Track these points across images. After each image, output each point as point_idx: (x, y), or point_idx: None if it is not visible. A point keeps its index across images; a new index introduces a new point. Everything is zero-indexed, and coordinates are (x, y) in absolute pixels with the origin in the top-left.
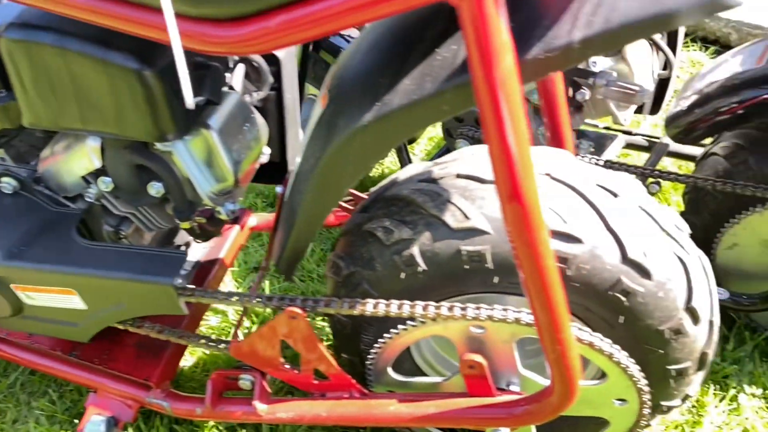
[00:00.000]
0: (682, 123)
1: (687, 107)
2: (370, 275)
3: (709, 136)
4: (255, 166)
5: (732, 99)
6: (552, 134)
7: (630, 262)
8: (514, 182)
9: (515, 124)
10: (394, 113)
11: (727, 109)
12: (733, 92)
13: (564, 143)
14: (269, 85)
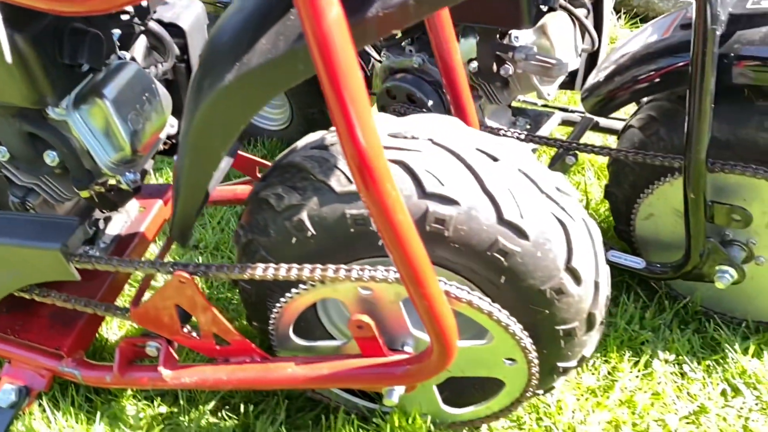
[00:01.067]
0: (598, 94)
1: (603, 79)
2: (266, 242)
3: (624, 105)
4: (159, 136)
5: (648, 67)
6: (455, 107)
7: (506, 223)
8: (353, 137)
9: (348, 76)
10: (252, 72)
11: (644, 77)
12: (647, 62)
13: (466, 115)
14: (175, 57)
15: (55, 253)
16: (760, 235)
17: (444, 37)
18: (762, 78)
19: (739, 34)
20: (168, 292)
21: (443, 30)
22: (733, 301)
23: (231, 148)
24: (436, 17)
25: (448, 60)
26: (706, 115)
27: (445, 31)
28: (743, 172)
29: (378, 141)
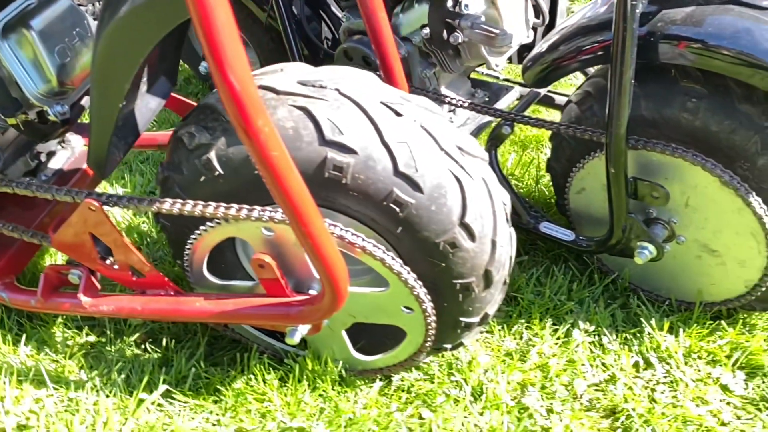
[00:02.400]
0: (535, 67)
1: (541, 52)
2: (180, 179)
3: (557, 79)
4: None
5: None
6: (382, 68)
7: (401, 175)
8: (223, 75)
9: (218, 15)
10: (141, 7)
11: (589, 47)
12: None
13: (394, 76)
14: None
15: None
16: (680, 215)
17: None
18: (685, 57)
19: (663, 12)
20: (79, 218)
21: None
22: (659, 279)
23: (160, 89)
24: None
25: (374, 22)
26: (626, 91)
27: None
28: (663, 151)
29: (249, 79)
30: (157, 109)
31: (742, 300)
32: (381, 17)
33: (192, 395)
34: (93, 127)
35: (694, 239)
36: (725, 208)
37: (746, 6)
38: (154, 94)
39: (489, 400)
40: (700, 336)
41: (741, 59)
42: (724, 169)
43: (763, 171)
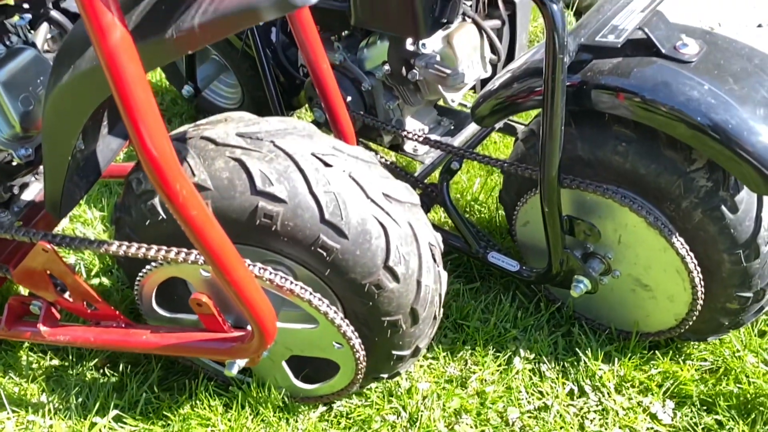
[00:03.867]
0: (479, 109)
1: (484, 95)
2: (130, 221)
3: (498, 121)
4: None
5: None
6: (330, 118)
7: (327, 223)
8: (144, 147)
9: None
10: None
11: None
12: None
13: (342, 124)
14: None
15: None
16: (614, 251)
17: (311, 49)
18: (613, 105)
19: (593, 63)
20: (34, 259)
21: (309, 43)
22: (599, 309)
23: (121, 130)
24: (301, 33)
25: (317, 70)
26: (557, 135)
27: (311, 44)
28: (595, 191)
29: (168, 149)
30: (118, 149)
31: (674, 332)
32: (324, 68)
33: (142, 419)
34: (46, 176)
35: (628, 274)
36: (652, 247)
37: (667, 59)
38: (115, 135)
39: (423, 427)
40: (634, 365)
41: (659, 110)
42: (649, 210)
43: (686, 212)
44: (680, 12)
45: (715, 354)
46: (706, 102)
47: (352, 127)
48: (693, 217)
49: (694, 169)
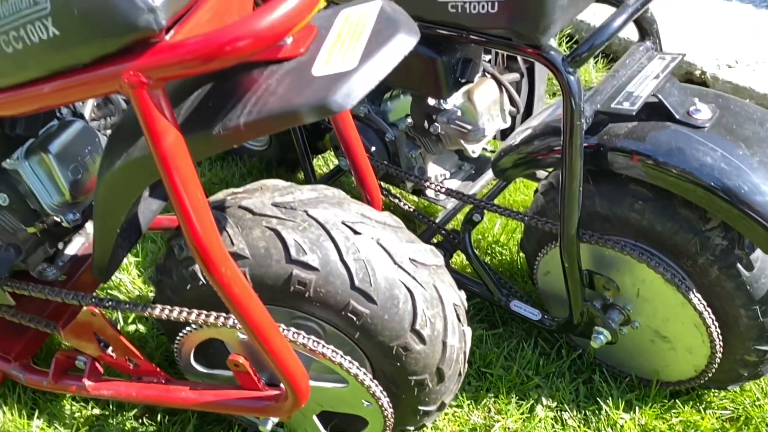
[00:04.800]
0: (500, 163)
1: (505, 150)
2: (171, 284)
3: (519, 176)
4: None
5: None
6: (356, 175)
7: (357, 289)
8: (190, 226)
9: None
10: (132, 163)
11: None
12: (540, 139)
13: (370, 188)
14: (122, 111)
15: None
16: (633, 303)
17: (343, 122)
18: (629, 167)
19: (609, 127)
20: (83, 321)
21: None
22: (620, 357)
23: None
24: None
25: (348, 140)
26: (575, 196)
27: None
28: (613, 247)
29: (215, 236)
30: (158, 210)
31: (694, 382)
32: (353, 136)
33: None
34: (96, 245)
35: (647, 325)
36: (670, 302)
37: (681, 124)
38: (156, 197)
39: None
40: (655, 414)
41: (673, 173)
42: (667, 267)
43: (703, 269)
44: (697, 50)
45: (736, 402)
46: (718, 167)
47: (377, 184)
48: (710, 274)
49: (710, 228)
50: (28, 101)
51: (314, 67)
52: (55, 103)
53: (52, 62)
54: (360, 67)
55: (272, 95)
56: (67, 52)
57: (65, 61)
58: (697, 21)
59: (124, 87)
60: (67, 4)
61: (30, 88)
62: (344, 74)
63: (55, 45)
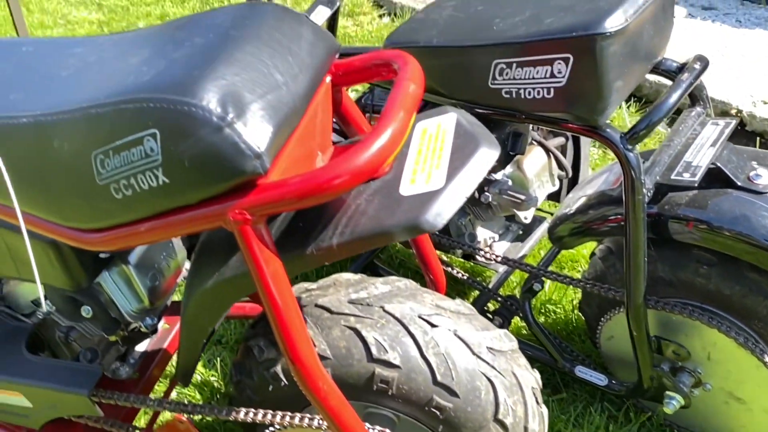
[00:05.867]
0: (558, 232)
1: (562, 218)
2: (251, 384)
3: (595, 238)
4: (174, 282)
5: (599, 214)
6: (422, 265)
7: (440, 384)
8: (290, 346)
9: (285, 305)
10: (226, 281)
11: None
12: (598, 208)
13: (434, 270)
14: None
15: (83, 398)
16: (704, 366)
17: None
18: (692, 236)
19: (669, 196)
20: (171, 428)
21: None
22: (692, 419)
23: None
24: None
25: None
26: (640, 266)
27: None
28: (681, 313)
29: (313, 359)
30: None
31: None
32: None
33: None
34: (181, 354)
35: (720, 387)
36: (744, 364)
37: (742, 190)
38: None
39: None
40: None
41: (740, 239)
42: (738, 331)
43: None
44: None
45: None
46: None
47: (440, 265)
48: None
49: None
50: (132, 238)
51: (401, 186)
52: (158, 239)
53: (160, 206)
54: (447, 186)
55: (363, 215)
56: (175, 196)
57: (172, 204)
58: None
59: (229, 224)
60: (178, 155)
61: (133, 226)
62: (433, 194)
63: (164, 191)
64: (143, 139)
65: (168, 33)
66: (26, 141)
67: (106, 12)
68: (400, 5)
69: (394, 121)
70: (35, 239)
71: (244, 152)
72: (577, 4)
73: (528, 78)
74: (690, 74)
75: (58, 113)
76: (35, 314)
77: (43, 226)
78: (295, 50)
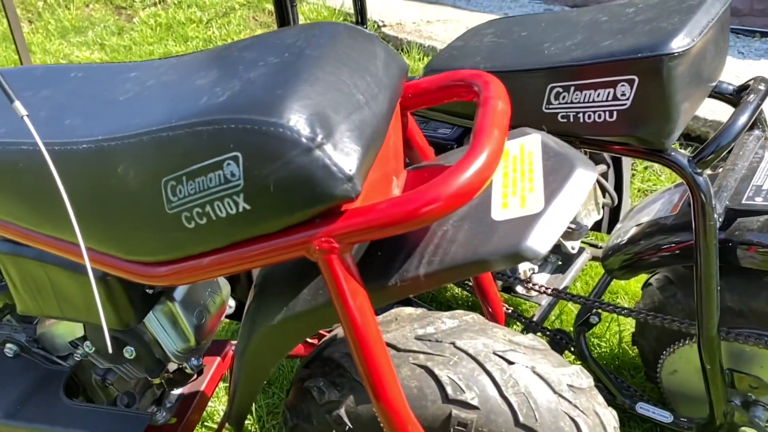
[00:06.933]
0: (615, 261)
1: (619, 246)
2: (309, 429)
3: (649, 269)
4: (219, 319)
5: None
6: (480, 296)
7: (522, 426)
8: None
9: (371, 341)
10: (296, 316)
11: (667, 246)
12: (670, 232)
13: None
14: None
15: None
16: None
17: None
18: (763, 262)
19: (739, 221)
20: None
21: None
22: None
23: None
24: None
25: None
26: (713, 296)
27: None
28: (756, 344)
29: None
30: None
31: None
32: None
33: None
34: (237, 397)
35: None
36: None
37: None
38: None
39: None
40: None
41: None
42: None
43: None
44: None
45: None
46: None
47: (500, 298)
48: None
49: None
50: (202, 271)
51: (493, 212)
52: (231, 271)
53: (236, 235)
54: (547, 210)
55: (452, 243)
56: (255, 224)
57: (251, 233)
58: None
59: (314, 253)
60: (262, 179)
61: (203, 258)
62: (531, 218)
63: (243, 219)
64: (223, 163)
65: (234, 54)
66: (86, 168)
67: (109, 52)
68: (407, 41)
69: (490, 141)
70: (80, 274)
71: (335, 175)
72: (635, 26)
73: (587, 101)
74: (756, 95)
75: (123, 138)
76: (72, 356)
77: (100, 261)
78: (372, 70)
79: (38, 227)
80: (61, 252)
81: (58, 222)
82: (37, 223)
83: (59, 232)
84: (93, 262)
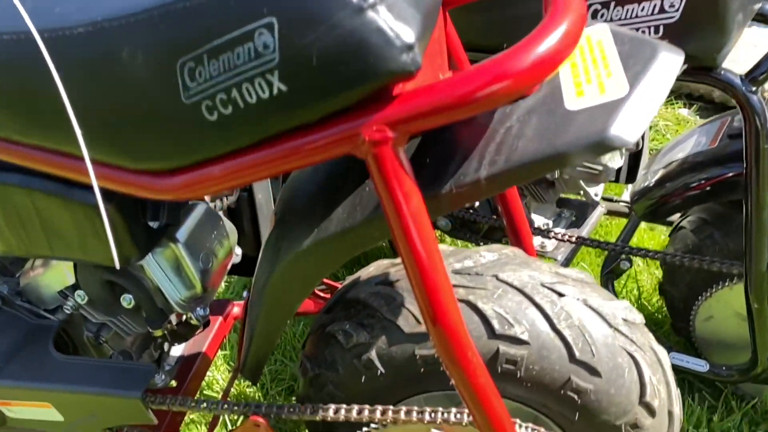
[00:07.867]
0: (650, 199)
1: (653, 184)
2: (334, 377)
3: (676, 212)
4: (225, 267)
5: (700, 176)
6: (511, 232)
7: (578, 362)
8: (436, 306)
9: (428, 253)
10: (329, 239)
11: (696, 185)
12: (699, 170)
13: (525, 241)
14: (238, 190)
15: (135, 401)
16: None
17: None
18: None
19: None
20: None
21: None
22: None
23: None
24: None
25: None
26: (764, 228)
27: None
28: None
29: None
30: None
31: None
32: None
33: None
34: (255, 343)
35: None
36: None
37: None
38: None
39: None
40: None
41: None
42: None
43: None
44: None
45: None
46: None
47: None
48: None
49: None
50: (226, 178)
51: (566, 102)
52: (258, 177)
53: (268, 127)
54: (633, 93)
55: (519, 139)
56: (292, 111)
57: (285, 123)
58: None
59: (362, 147)
60: (303, 49)
61: (227, 162)
62: (616, 103)
63: (277, 104)
64: (254, 33)
65: None
66: (83, 57)
67: None
68: None
69: (571, 5)
70: (74, 201)
71: (393, 41)
72: None
73: (630, 17)
74: None
75: (127, 16)
76: (61, 309)
77: (100, 174)
78: None
79: (23, 135)
80: (51, 167)
81: (48, 125)
82: (21, 130)
83: (48, 140)
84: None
